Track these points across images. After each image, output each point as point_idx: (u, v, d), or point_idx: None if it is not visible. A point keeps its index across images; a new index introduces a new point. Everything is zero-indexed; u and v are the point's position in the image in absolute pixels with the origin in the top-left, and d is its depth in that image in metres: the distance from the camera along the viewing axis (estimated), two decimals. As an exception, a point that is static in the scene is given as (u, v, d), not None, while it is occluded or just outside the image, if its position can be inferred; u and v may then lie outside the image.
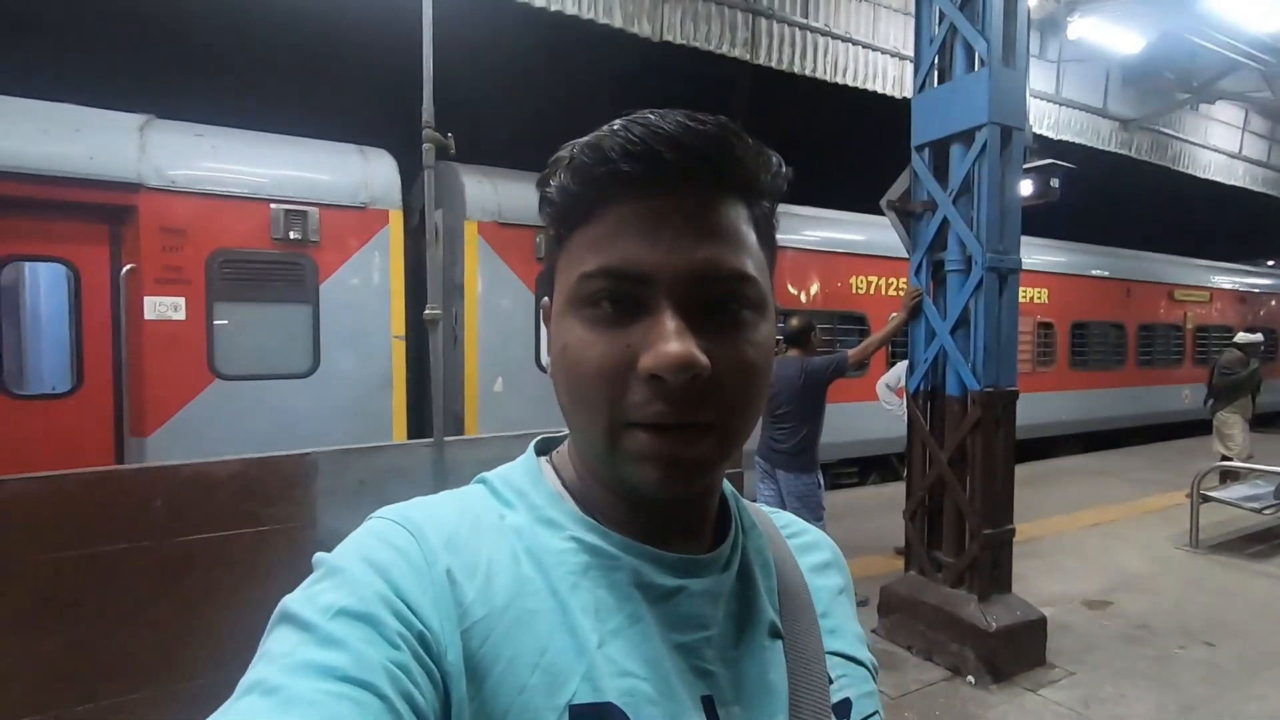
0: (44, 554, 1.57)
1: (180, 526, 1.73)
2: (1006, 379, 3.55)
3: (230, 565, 1.76)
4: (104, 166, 4.20)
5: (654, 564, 0.49)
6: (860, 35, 6.96)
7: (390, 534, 0.46)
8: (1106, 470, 8.64)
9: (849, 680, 0.55)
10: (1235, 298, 12.56)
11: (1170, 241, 12.84)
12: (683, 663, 0.47)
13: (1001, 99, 3.42)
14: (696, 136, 0.43)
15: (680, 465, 0.44)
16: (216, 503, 1.81)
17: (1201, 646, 3.77)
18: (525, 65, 10.97)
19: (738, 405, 0.45)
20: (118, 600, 1.67)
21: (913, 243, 3.93)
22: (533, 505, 0.51)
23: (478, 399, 5.48)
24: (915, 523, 3.88)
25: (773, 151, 0.48)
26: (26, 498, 1.56)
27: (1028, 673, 3.44)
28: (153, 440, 4.32)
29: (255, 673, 0.38)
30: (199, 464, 1.83)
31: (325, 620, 0.39)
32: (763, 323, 0.47)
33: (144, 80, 8.24)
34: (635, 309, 0.44)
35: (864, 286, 7.72)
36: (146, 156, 4.34)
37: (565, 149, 0.47)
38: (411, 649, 0.40)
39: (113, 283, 4.34)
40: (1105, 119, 9.12)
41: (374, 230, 5.02)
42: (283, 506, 1.85)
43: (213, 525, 1.76)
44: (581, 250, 0.46)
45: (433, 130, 2.49)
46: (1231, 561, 5.23)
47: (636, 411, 0.43)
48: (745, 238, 0.47)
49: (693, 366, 0.42)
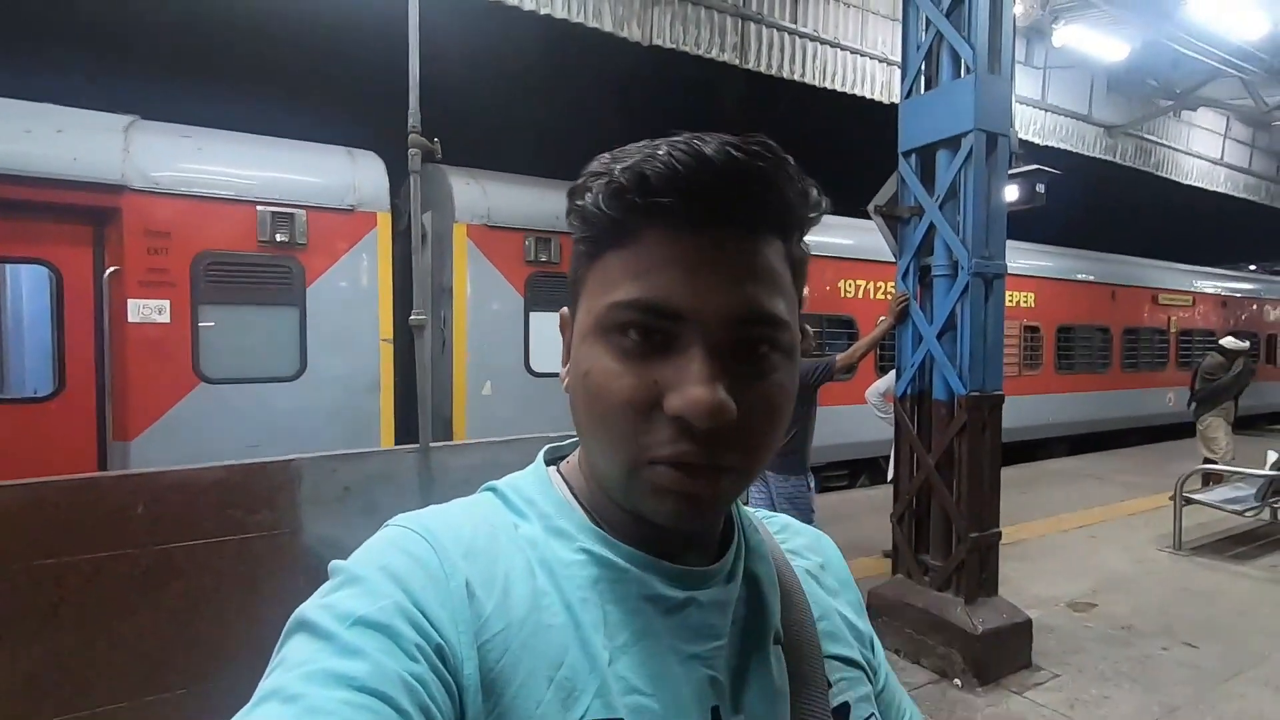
0: (22, 562, 1.55)
1: (163, 534, 1.70)
2: (993, 383, 3.58)
3: (215, 573, 1.73)
4: (87, 168, 4.16)
5: (662, 577, 0.49)
6: (849, 40, 7.01)
7: (408, 543, 0.45)
8: (1092, 473, 8.72)
9: (847, 684, 0.56)
10: (1218, 302, 12.73)
11: (1154, 246, 12.99)
12: (695, 674, 0.47)
13: (987, 106, 3.45)
14: (743, 170, 0.42)
15: (699, 502, 0.44)
16: (200, 510, 1.78)
17: (1184, 647, 3.81)
18: (516, 68, 10.97)
19: (760, 447, 0.45)
20: (98, 609, 1.64)
21: (899, 247, 3.96)
22: (543, 514, 0.51)
23: (465, 403, 5.46)
24: (903, 526, 3.90)
25: (812, 181, 0.47)
26: (6, 505, 1.53)
27: (1014, 675, 3.46)
28: (136, 444, 4.27)
29: (273, 680, 0.38)
30: (182, 470, 1.81)
31: (344, 629, 0.39)
32: (790, 366, 0.47)
33: (129, 81, 8.17)
34: (665, 344, 0.43)
35: (852, 290, 7.77)
36: (131, 158, 4.30)
37: (601, 164, 0.45)
38: (429, 661, 0.40)
39: (96, 285, 4.29)
40: (1090, 125, 9.23)
41: (362, 233, 5.00)
42: (267, 513, 1.83)
43: (196, 533, 1.73)
44: (614, 275, 0.45)
45: (419, 135, 2.48)
46: (1214, 563, 5.29)
47: (659, 449, 0.43)
48: (781, 279, 0.46)
49: (722, 414, 0.41)
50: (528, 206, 5.82)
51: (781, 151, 0.44)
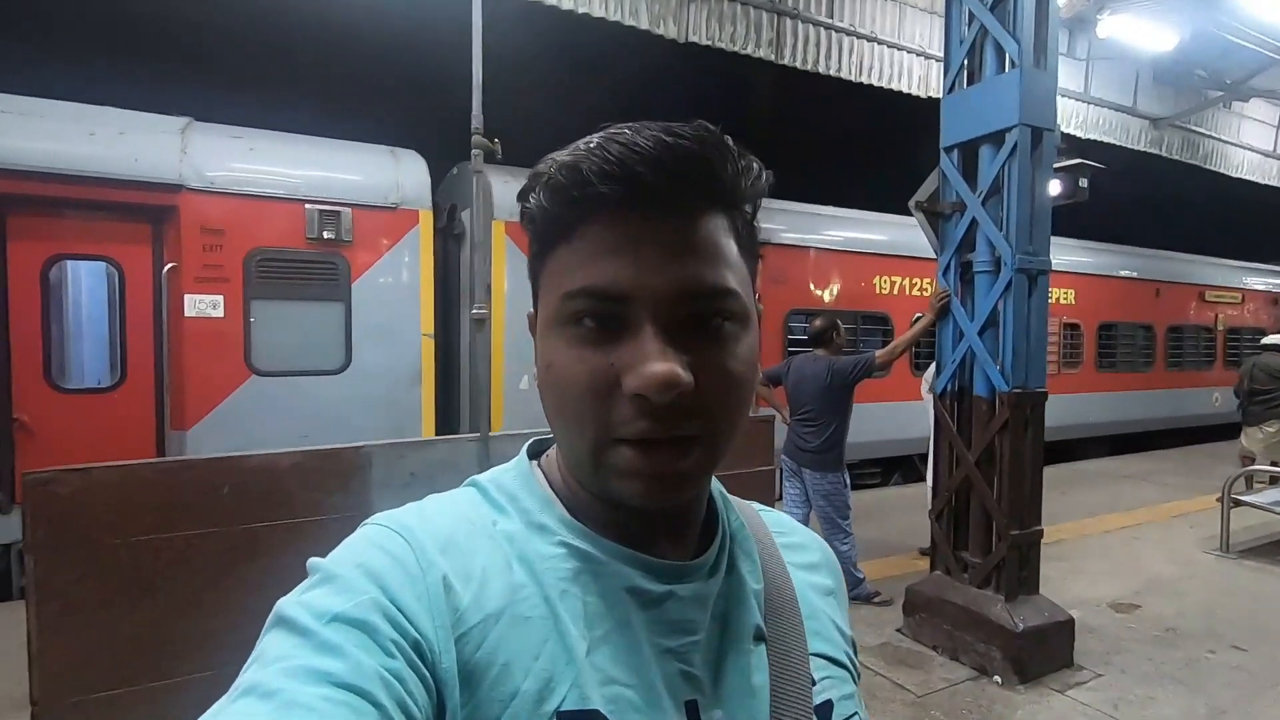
0: (122, 538, 1.67)
1: (247, 513, 1.82)
2: (1036, 380, 3.55)
3: (295, 550, 1.83)
4: (147, 168, 4.34)
5: (642, 570, 0.49)
6: (886, 35, 6.93)
7: (385, 540, 0.46)
8: (1133, 474, 8.53)
9: (831, 682, 0.56)
10: (1269, 299, 12.31)
11: (1202, 242, 12.60)
12: (669, 668, 0.48)
13: (1032, 101, 3.42)
14: (674, 154, 0.43)
15: (666, 479, 0.45)
16: (280, 491, 1.89)
17: (1231, 651, 3.74)
18: (552, 66, 11.06)
19: (721, 416, 0.46)
20: (189, 582, 1.76)
21: (940, 244, 3.94)
22: (524, 509, 0.51)
23: (503, 396, 5.57)
24: (942, 523, 3.89)
25: (753, 157, 0.48)
26: (106, 485, 1.66)
27: (1055, 674, 3.44)
28: (192, 433, 4.45)
29: (251, 675, 0.38)
30: (264, 454, 1.92)
31: (321, 626, 0.40)
32: (745, 334, 0.48)
33: (177, 84, 8.43)
34: (618, 327, 0.45)
35: (888, 287, 7.70)
36: (187, 158, 4.47)
37: (544, 164, 0.47)
38: (406, 657, 0.41)
39: (155, 281, 4.47)
40: (1135, 117, 9.00)
41: (404, 230, 5.13)
42: (340, 496, 1.93)
43: (277, 513, 1.85)
44: (563, 268, 0.46)
45: (481, 136, 2.55)
46: (1263, 566, 5.16)
47: (622, 429, 0.44)
48: (726, 251, 0.47)
49: (676, 385, 0.43)
50: (564, 203, 5.88)
51: (717, 133, 0.45)
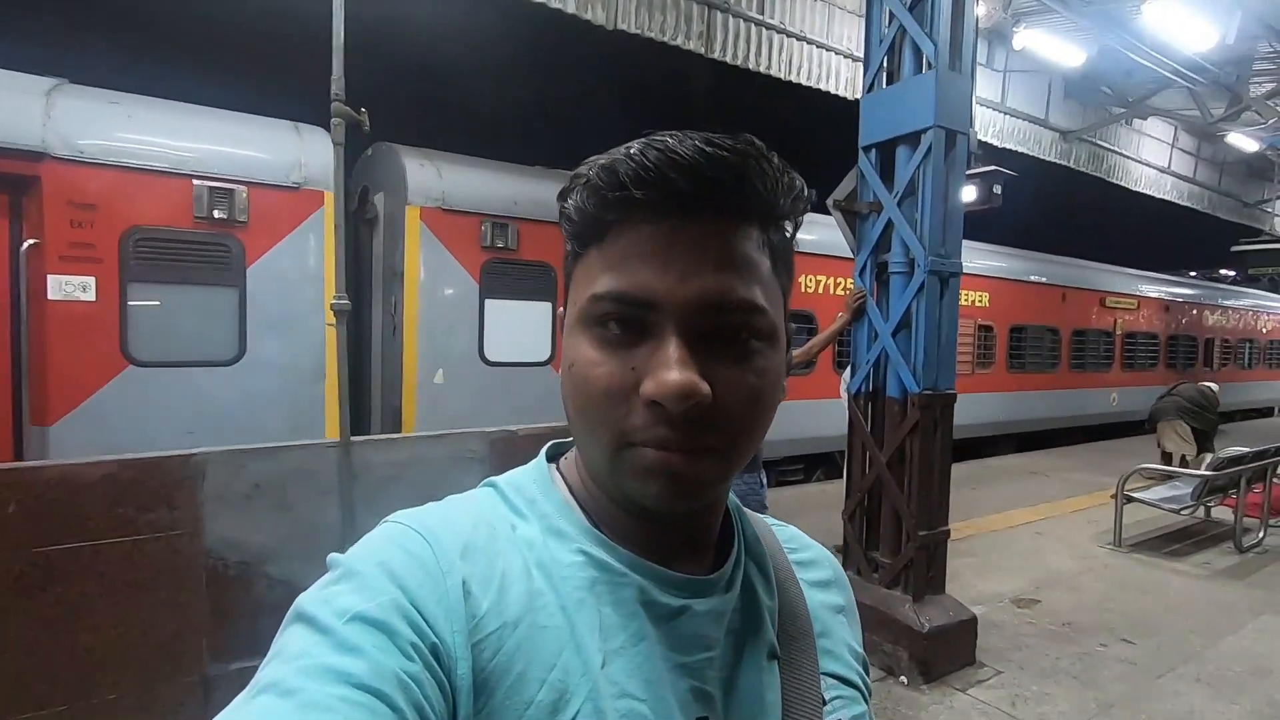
0: None
1: (39, 535, 1.52)
2: (945, 381, 3.58)
3: (101, 579, 1.56)
4: (2, 132, 3.86)
5: (659, 583, 0.49)
6: (815, 34, 6.98)
7: (406, 540, 0.46)
8: (1039, 470, 8.94)
9: (842, 702, 0.56)
10: (1161, 306, 13.18)
11: (1103, 250, 13.37)
12: (683, 683, 0.48)
13: (947, 103, 3.43)
14: (713, 163, 0.43)
15: (681, 480, 0.45)
16: (84, 508, 1.59)
17: (1121, 644, 3.90)
18: (499, 54, 10.70)
19: (740, 432, 0.46)
20: (-42, 619, 1.46)
21: (858, 243, 3.93)
22: (543, 514, 0.51)
23: (416, 391, 5.29)
24: (854, 523, 3.90)
25: (795, 174, 0.48)
26: None
27: (958, 672, 3.49)
28: (56, 429, 4.01)
29: (270, 671, 0.38)
30: (64, 464, 1.61)
31: (341, 624, 0.40)
32: (771, 352, 0.48)
33: (61, 45, 7.70)
34: (642, 332, 0.45)
35: (813, 286, 7.78)
36: (53, 123, 4.01)
37: (585, 166, 0.47)
38: (424, 660, 0.40)
39: (12, 259, 4.00)
40: (1046, 129, 9.42)
41: (308, 212, 4.77)
42: (163, 513, 1.65)
43: (79, 534, 1.56)
44: (595, 270, 0.46)
45: (343, 104, 2.31)
46: (1151, 560, 5.45)
47: (639, 434, 0.44)
48: (758, 266, 0.47)
49: (692, 395, 0.42)
50: (485, 190, 5.65)
51: (760, 146, 0.45)
